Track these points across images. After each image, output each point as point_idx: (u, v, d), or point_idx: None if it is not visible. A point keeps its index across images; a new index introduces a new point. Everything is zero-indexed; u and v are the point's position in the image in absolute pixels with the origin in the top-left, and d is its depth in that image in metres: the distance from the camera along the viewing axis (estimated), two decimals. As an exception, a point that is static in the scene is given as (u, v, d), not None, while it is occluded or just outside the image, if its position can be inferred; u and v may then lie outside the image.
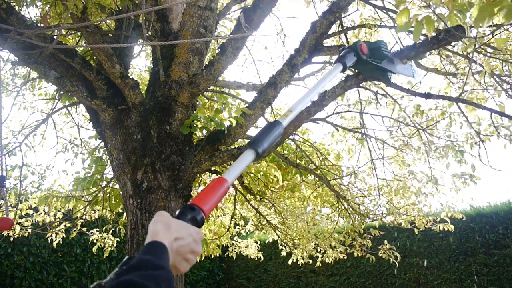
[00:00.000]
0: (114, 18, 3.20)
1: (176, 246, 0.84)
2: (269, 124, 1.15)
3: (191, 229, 0.88)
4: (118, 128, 3.09)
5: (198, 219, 0.91)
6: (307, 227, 5.35)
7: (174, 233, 0.85)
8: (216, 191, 0.97)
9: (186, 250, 0.86)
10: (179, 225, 0.87)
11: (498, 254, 6.59)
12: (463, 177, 4.16)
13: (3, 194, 2.64)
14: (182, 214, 0.91)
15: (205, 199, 0.94)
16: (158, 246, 0.81)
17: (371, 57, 1.56)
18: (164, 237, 0.83)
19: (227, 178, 1.00)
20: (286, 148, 4.75)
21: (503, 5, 1.43)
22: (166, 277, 0.75)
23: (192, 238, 0.87)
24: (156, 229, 0.84)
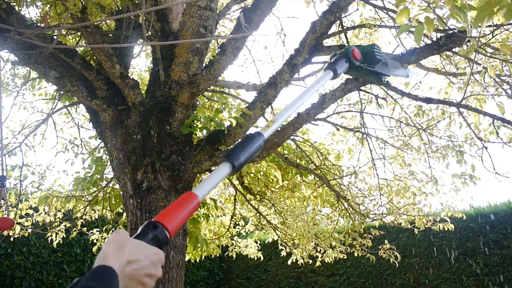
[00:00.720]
0: (114, 18, 3.20)
1: (129, 269, 0.78)
2: (248, 136, 1.08)
3: (150, 250, 0.82)
4: (118, 128, 3.09)
5: (161, 238, 0.84)
6: (307, 227, 5.35)
7: (127, 255, 0.78)
8: (184, 207, 0.90)
9: (140, 274, 0.79)
10: (135, 246, 0.81)
11: (498, 254, 6.59)
12: (463, 177, 4.16)
13: (3, 194, 2.64)
14: (143, 234, 0.84)
15: (170, 216, 0.87)
16: (106, 272, 0.74)
17: (364, 62, 1.50)
18: (115, 260, 0.76)
19: (197, 193, 0.93)
20: (286, 148, 4.75)
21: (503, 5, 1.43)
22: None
23: (149, 261, 0.81)
24: (106, 252, 0.78)
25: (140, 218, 2.85)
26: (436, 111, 4.34)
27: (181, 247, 2.92)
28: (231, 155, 1.02)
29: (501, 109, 2.79)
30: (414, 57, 2.58)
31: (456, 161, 4.10)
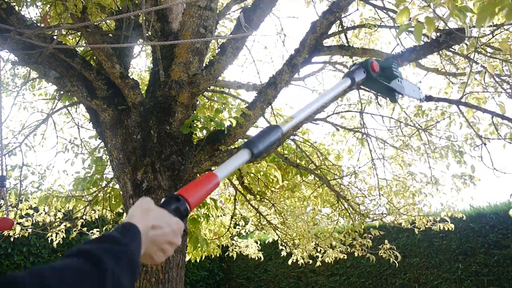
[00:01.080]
0: (114, 18, 3.20)
1: (152, 234, 0.81)
2: (269, 127, 1.14)
3: (172, 219, 0.85)
4: (118, 128, 3.09)
5: (182, 210, 0.89)
6: (307, 227, 5.35)
7: (151, 220, 0.81)
8: (205, 185, 0.95)
9: (162, 240, 0.83)
10: (159, 213, 0.84)
11: (498, 254, 6.59)
12: (463, 177, 4.16)
13: (3, 194, 2.64)
14: (166, 203, 0.89)
15: (192, 191, 0.92)
16: (130, 227, 0.77)
17: (381, 75, 1.55)
18: (140, 221, 0.79)
19: (217, 174, 0.98)
20: (286, 148, 4.75)
21: (504, 5, 1.43)
22: (126, 253, 0.70)
23: (170, 229, 0.84)
24: (134, 213, 0.82)
25: (140, 218, 2.85)
26: (435, 111, 4.34)
27: (181, 247, 2.92)
28: (251, 142, 1.07)
29: (501, 108, 2.79)
30: (414, 55, 2.58)
31: (456, 161, 4.10)
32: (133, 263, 0.70)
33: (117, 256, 0.66)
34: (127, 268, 0.67)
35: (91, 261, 0.62)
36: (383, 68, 1.52)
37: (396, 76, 1.55)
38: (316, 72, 5.07)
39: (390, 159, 4.74)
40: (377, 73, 1.49)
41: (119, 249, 0.69)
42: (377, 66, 1.49)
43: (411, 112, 4.37)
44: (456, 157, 4.07)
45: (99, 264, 0.62)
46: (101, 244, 0.68)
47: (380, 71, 1.50)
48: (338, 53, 3.44)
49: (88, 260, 0.62)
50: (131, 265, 0.69)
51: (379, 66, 1.50)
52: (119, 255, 0.67)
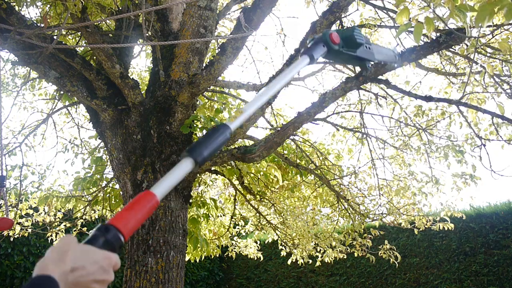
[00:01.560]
0: (114, 18, 3.20)
1: (73, 277, 0.73)
2: (213, 128, 1.02)
3: (97, 255, 0.77)
4: (118, 128, 3.09)
5: (113, 242, 0.79)
6: (307, 227, 5.35)
7: (69, 263, 0.74)
8: (141, 208, 0.84)
9: (87, 281, 0.75)
10: (80, 252, 0.76)
11: (498, 254, 6.59)
12: (464, 177, 4.16)
13: (3, 194, 2.64)
14: (93, 238, 0.79)
15: (124, 218, 0.82)
16: (44, 283, 0.70)
17: (344, 46, 1.46)
18: (55, 268, 0.72)
19: (155, 192, 0.87)
20: (286, 148, 4.75)
21: (503, 4, 1.43)
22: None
23: (97, 266, 0.76)
24: (47, 260, 0.74)
25: (140, 218, 2.85)
26: (435, 111, 4.34)
27: (181, 247, 2.92)
28: (194, 150, 0.95)
29: (501, 109, 2.79)
30: (414, 55, 2.58)
31: (457, 161, 4.10)
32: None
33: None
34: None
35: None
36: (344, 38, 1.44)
37: (360, 44, 1.46)
38: (316, 72, 5.07)
39: (390, 159, 4.74)
40: (339, 44, 1.40)
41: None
42: (337, 37, 1.39)
43: (411, 112, 4.37)
44: (457, 156, 4.07)
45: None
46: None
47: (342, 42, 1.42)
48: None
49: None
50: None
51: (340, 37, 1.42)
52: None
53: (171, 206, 2.90)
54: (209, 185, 5.29)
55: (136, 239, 2.85)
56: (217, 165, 3.14)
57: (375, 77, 2.84)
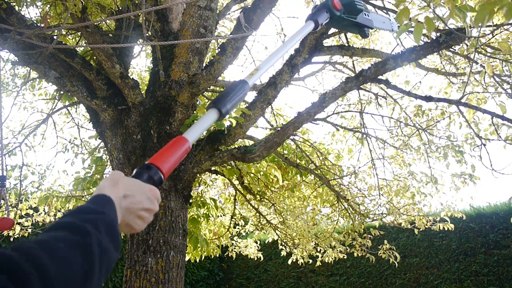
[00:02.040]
0: (114, 18, 3.20)
1: (126, 203, 0.81)
2: (234, 83, 1.09)
3: (145, 186, 0.85)
4: (118, 128, 3.09)
5: (155, 178, 0.87)
6: (307, 227, 5.35)
7: (121, 190, 0.81)
8: (176, 150, 0.92)
9: (137, 208, 0.83)
10: (130, 183, 0.84)
11: (498, 254, 6.59)
12: (463, 176, 4.16)
13: (3, 194, 2.64)
14: (137, 174, 0.87)
15: (163, 158, 0.90)
16: (101, 198, 0.77)
17: (345, 12, 1.51)
18: (110, 192, 0.79)
19: (187, 137, 0.95)
20: (286, 148, 4.75)
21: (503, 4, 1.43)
22: (106, 221, 0.71)
23: (145, 196, 0.84)
24: (102, 185, 0.82)
25: (140, 218, 2.85)
26: (435, 111, 4.34)
27: (181, 247, 2.92)
28: (218, 101, 1.02)
29: (502, 108, 2.79)
30: (414, 55, 2.58)
31: (456, 161, 4.10)
32: (112, 228, 0.72)
33: (96, 224, 0.68)
34: (108, 233, 0.69)
35: (76, 232, 0.64)
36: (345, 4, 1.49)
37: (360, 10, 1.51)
38: (316, 72, 5.07)
39: (390, 159, 4.74)
40: (340, 10, 1.45)
41: (97, 217, 0.70)
42: (339, 3, 1.45)
43: (411, 112, 4.37)
44: (457, 156, 4.07)
45: (83, 233, 0.64)
46: (79, 215, 0.69)
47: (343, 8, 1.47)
48: (338, 53, 3.44)
49: (72, 231, 0.64)
50: (111, 231, 0.71)
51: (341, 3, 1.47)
52: (98, 223, 0.68)
53: (171, 206, 2.90)
54: (209, 185, 5.29)
55: (136, 239, 2.85)
56: (217, 165, 3.14)
57: (375, 77, 2.84)
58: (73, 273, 0.58)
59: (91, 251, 0.63)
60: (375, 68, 2.67)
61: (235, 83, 1.09)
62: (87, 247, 0.63)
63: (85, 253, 0.62)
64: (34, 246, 0.57)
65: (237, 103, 1.07)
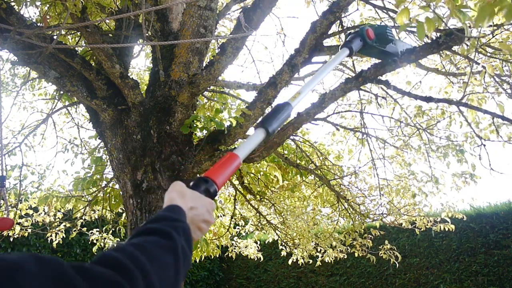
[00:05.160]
0: (114, 18, 3.19)
1: (191, 215, 0.87)
2: (279, 105, 1.18)
3: (204, 199, 0.91)
4: (118, 128, 3.09)
5: (211, 191, 0.94)
6: (307, 227, 5.35)
7: (188, 202, 0.88)
8: (228, 166, 0.99)
9: (199, 219, 0.88)
10: (193, 195, 0.90)
11: (498, 254, 6.59)
12: (464, 176, 4.16)
13: (3, 194, 2.64)
14: (196, 186, 0.94)
15: (218, 173, 0.97)
16: (176, 208, 0.84)
17: (377, 41, 1.57)
18: (181, 204, 0.86)
19: (238, 154, 1.02)
20: (286, 148, 4.75)
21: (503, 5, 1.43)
22: (184, 229, 0.78)
23: (205, 209, 0.90)
24: (173, 196, 0.88)
25: (140, 218, 2.85)
26: (436, 111, 4.34)
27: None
28: (265, 121, 1.11)
29: (500, 108, 2.79)
30: (414, 56, 2.57)
31: (457, 160, 4.10)
32: (189, 235, 0.79)
33: (178, 231, 0.75)
34: (186, 240, 0.76)
35: (164, 237, 0.72)
36: (378, 34, 1.54)
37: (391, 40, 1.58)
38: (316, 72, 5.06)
39: (391, 158, 4.74)
40: (373, 39, 1.51)
41: (178, 225, 0.77)
42: (372, 33, 1.51)
43: (411, 112, 4.37)
44: (457, 156, 4.07)
45: (170, 237, 0.72)
46: (164, 222, 0.76)
47: (375, 38, 1.53)
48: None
49: (162, 236, 0.72)
50: (188, 238, 0.78)
51: (374, 33, 1.53)
52: (179, 230, 0.76)
53: (171, 206, 2.89)
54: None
55: (136, 239, 2.84)
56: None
57: (375, 78, 2.84)
58: (168, 273, 0.66)
59: (178, 255, 0.70)
60: (374, 69, 2.66)
61: (280, 104, 1.18)
62: (175, 250, 0.70)
63: (175, 256, 0.70)
64: (135, 250, 0.64)
65: (282, 123, 1.16)
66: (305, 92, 1.27)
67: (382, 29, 1.58)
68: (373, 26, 1.56)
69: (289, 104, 1.19)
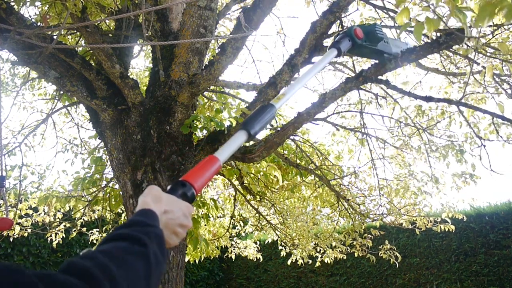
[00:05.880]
0: (114, 18, 3.19)
1: (165, 219, 0.85)
2: (262, 107, 1.15)
3: (181, 203, 0.89)
4: (118, 128, 3.09)
5: (189, 195, 0.92)
6: (307, 227, 5.35)
7: (163, 205, 0.86)
8: (208, 169, 0.97)
9: (174, 224, 0.87)
10: (169, 199, 0.88)
11: (498, 254, 6.59)
12: (464, 176, 4.16)
13: (3, 194, 2.64)
14: (172, 190, 0.91)
15: (196, 176, 0.95)
16: (149, 212, 0.82)
17: (367, 40, 1.55)
18: (155, 207, 0.84)
19: (218, 157, 1.01)
20: (286, 148, 4.75)
21: (503, 5, 1.42)
22: (157, 234, 0.76)
23: (181, 212, 0.88)
24: (146, 200, 0.86)
25: (140, 218, 2.85)
26: (436, 111, 4.34)
27: (181, 247, 2.91)
28: (247, 123, 1.08)
29: (500, 108, 2.79)
30: (414, 55, 2.57)
31: (456, 160, 4.10)
32: (162, 240, 0.77)
33: (150, 236, 0.74)
34: (158, 245, 0.75)
35: (135, 242, 0.70)
36: (367, 33, 1.52)
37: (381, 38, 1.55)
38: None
39: (391, 159, 4.74)
40: (362, 39, 1.49)
41: (150, 230, 0.76)
42: (361, 32, 1.49)
43: (411, 112, 4.37)
44: (457, 156, 4.07)
45: (141, 243, 0.71)
46: (134, 227, 0.75)
47: (364, 37, 1.50)
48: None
49: (132, 241, 0.70)
50: (161, 243, 0.76)
51: (363, 32, 1.50)
52: (151, 236, 0.74)
53: (171, 206, 2.89)
54: (209, 185, 5.28)
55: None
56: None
57: (375, 77, 2.84)
58: (139, 280, 0.65)
59: (149, 261, 0.69)
60: (375, 69, 2.66)
61: (263, 106, 1.15)
62: (146, 257, 0.69)
63: (146, 263, 0.68)
64: (103, 257, 0.63)
65: (265, 125, 1.13)
66: (290, 94, 1.24)
67: (371, 28, 1.56)
68: (362, 26, 1.54)
69: (272, 105, 1.16)
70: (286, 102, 1.25)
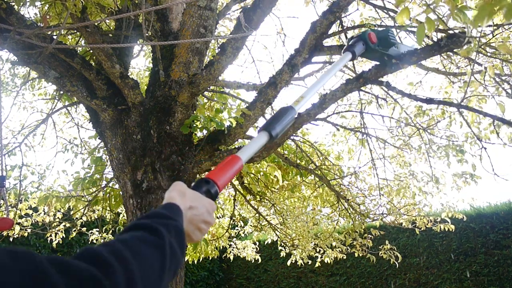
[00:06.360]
0: (114, 18, 3.19)
1: (190, 214, 0.87)
2: (283, 108, 1.17)
3: (205, 200, 0.91)
4: (118, 128, 3.09)
5: (212, 192, 0.94)
6: (307, 227, 5.35)
7: (188, 201, 0.88)
8: (230, 168, 0.99)
9: (199, 220, 0.89)
10: (194, 195, 0.90)
11: (498, 254, 6.59)
12: (464, 176, 4.16)
13: (3, 194, 2.63)
14: (197, 186, 0.94)
15: (219, 174, 0.97)
16: (173, 206, 0.84)
17: (379, 45, 1.58)
18: (180, 203, 0.86)
19: (241, 156, 1.02)
20: (286, 148, 4.75)
21: (503, 5, 1.42)
22: (176, 226, 0.77)
23: (205, 209, 0.90)
24: (172, 195, 0.88)
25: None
26: (436, 111, 4.34)
27: (181, 247, 2.91)
28: (268, 125, 1.11)
29: (501, 107, 2.79)
30: (415, 57, 2.56)
31: (457, 160, 4.10)
32: (181, 234, 0.78)
33: (169, 228, 0.75)
34: (177, 238, 0.76)
35: (152, 233, 0.71)
36: (380, 38, 1.55)
37: (393, 44, 1.59)
38: (316, 72, 5.06)
39: (391, 159, 4.74)
40: (375, 43, 1.52)
41: (170, 222, 0.77)
42: (375, 37, 1.52)
43: (411, 112, 4.37)
44: (458, 156, 4.07)
45: (158, 234, 0.71)
46: (154, 219, 0.76)
47: (378, 41, 1.53)
48: (338, 53, 3.43)
49: (150, 232, 0.71)
50: (180, 236, 0.77)
51: (377, 36, 1.53)
52: (170, 228, 0.75)
53: (171, 206, 2.89)
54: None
55: (136, 240, 2.84)
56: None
57: (376, 79, 2.84)
58: (152, 270, 0.66)
59: (164, 251, 0.70)
60: (375, 70, 2.66)
61: (283, 108, 1.17)
62: (161, 247, 0.70)
63: (160, 253, 0.69)
64: (119, 244, 0.64)
65: (285, 127, 1.15)
66: (309, 96, 1.27)
67: (384, 33, 1.59)
68: (375, 30, 1.57)
69: (292, 108, 1.18)
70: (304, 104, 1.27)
